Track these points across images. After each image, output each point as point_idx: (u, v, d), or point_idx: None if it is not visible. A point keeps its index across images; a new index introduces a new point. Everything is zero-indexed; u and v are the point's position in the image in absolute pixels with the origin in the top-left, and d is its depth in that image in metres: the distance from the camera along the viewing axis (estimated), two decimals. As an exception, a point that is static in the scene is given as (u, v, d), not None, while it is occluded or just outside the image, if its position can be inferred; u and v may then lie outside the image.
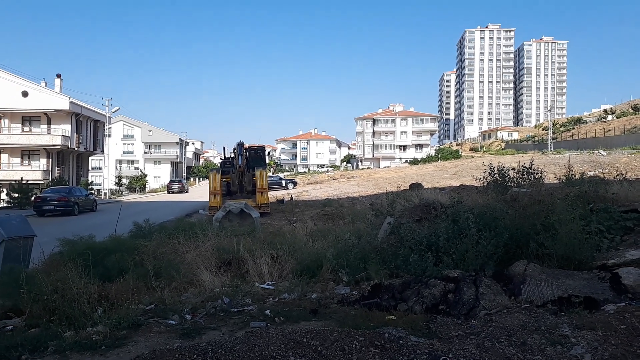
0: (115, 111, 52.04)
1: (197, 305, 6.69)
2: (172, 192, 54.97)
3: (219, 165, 33.25)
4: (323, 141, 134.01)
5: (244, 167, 24.87)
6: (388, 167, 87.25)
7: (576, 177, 11.48)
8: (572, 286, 6.03)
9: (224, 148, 30.00)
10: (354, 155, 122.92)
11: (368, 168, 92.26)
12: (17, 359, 5.06)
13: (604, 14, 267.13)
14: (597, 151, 47.72)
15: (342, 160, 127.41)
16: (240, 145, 25.79)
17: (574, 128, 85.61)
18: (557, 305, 5.82)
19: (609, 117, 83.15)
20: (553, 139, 73.50)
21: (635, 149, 47.14)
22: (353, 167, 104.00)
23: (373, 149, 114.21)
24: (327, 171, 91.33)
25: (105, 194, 50.06)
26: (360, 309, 6.38)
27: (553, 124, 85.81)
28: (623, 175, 11.17)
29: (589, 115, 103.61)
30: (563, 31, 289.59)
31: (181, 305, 6.69)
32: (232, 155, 27.53)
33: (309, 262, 8.27)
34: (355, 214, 14.17)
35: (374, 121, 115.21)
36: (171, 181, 61.78)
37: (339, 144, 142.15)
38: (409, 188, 21.83)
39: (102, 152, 53.28)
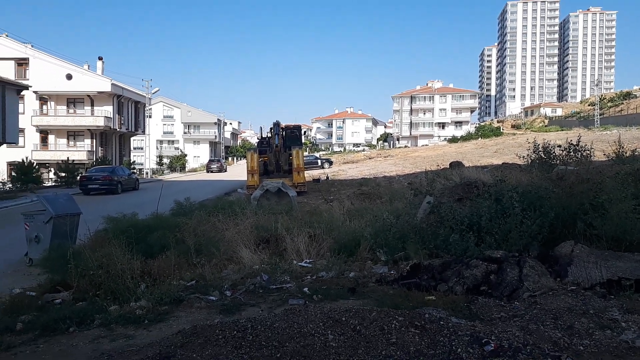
0: (155, 92, 53.06)
1: (237, 282, 6.79)
2: (211, 172, 55.93)
3: (256, 144, 33.53)
4: (359, 120, 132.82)
5: (281, 147, 24.97)
6: (426, 145, 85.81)
7: (627, 154, 10.91)
8: (622, 268, 5.76)
9: (261, 128, 30.25)
10: (391, 134, 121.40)
11: (405, 147, 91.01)
12: (66, 330, 5.27)
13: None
14: (648, 127, 45.40)
15: (378, 139, 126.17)
16: (276, 125, 25.86)
17: (622, 103, 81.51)
18: (606, 288, 5.59)
19: (662, 91, 78.65)
20: (600, 115, 70.32)
21: (689, 125, 44.59)
22: (390, 146, 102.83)
23: (410, 127, 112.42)
24: (363, 150, 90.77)
25: (147, 173, 51.47)
26: (399, 288, 6.32)
27: (600, 99, 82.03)
28: (678, 152, 10.54)
29: (639, 89, 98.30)
30: (612, 1, 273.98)
31: (221, 282, 6.81)
32: (269, 134, 27.67)
33: (346, 241, 8.23)
34: (393, 193, 14.00)
35: (412, 98, 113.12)
36: (210, 161, 62.85)
37: (375, 123, 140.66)
38: (448, 167, 21.40)
39: (143, 132, 54.63)
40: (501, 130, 78.93)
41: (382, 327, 4.41)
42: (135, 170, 41.68)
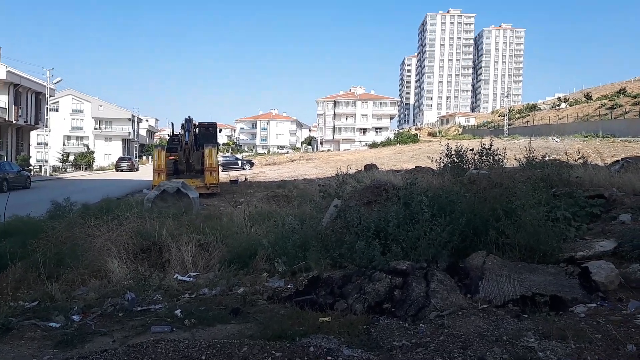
0: (58, 82, 48.64)
1: (93, 303, 5.49)
2: (121, 170, 52.23)
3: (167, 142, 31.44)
4: (283, 122, 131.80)
5: (192, 145, 23.30)
6: (348, 149, 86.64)
7: (537, 160, 10.82)
8: (536, 283, 5.20)
9: (172, 124, 28.28)
10: (315, 137, 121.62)
11: (328, 150, 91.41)
12: None
13: (560, 3, 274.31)
14: (550, 137, 48.54)
15: (302, 142, 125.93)
16: (188, 120, 24.16)
17: (529, 115, 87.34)
18: (519, 305, 4.98)
19: (562, 105, 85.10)
20: (509, 125, 74.66)
21: (586, 137, 48.23)
22: (313, 149, 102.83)
23: (334, 131, 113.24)
24: (287, 152, 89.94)
25: (46, 170, 46.99)
26: (292, 307, 5.36)
27: (509, 110, 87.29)
28: (585, 159, 10.58)
29: (544, 102, 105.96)
30: (521, 19, 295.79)
31: (73, 303, 5.47)
32: (181, 131, 25.87)
33: (240, 250, 7.17)
34: (304, 195, 13.11)
35: (335, 103, 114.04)
36: (120, 159, 58.76)
37: (299, 126, 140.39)
38: (363, 169, 20.97)
39: (46, 126, 49.89)
40: (418, 137, 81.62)
41: (253, 367, 3.41)
42: (31, 167, 37.71)
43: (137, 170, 53.41)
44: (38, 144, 60.86)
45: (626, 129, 47.98)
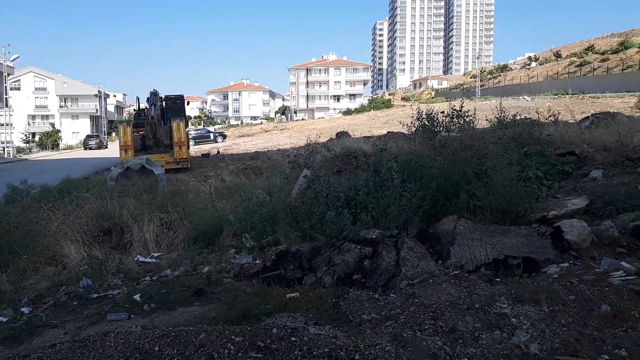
0: (15, 59, 46.39)
1: (46, 292, 5.16)
2: (90, 148, 50.75)
3: (133, 117, 30.43)
4: (256, 92, 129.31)
5: (158, 119, 22.53)
6: (322, 118, 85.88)
7: (508, 119, 10.68)
8: (508, 245, 5.07)
9: (138, 98, 27.37)
10: (289, 107, 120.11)
11: (302, 119, 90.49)
12: None
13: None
14: (521, 97, 48.85)
15: (276, 112, 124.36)
16: (153, 94, 23.31)
17: (500, 75, 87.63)
18: (492, 269, 4.84)
19: (533, 64, 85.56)
20: (481, 87, 74.89)
21: (556, 95, 48.69)
22: (287, 119, 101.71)
23: (307, 100, 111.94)
24: (261, 123, 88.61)
25: (8, 153, 45.29)
26: (259, 284, 5.14)
27: (481, 71, 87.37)
28: (555, 117, 10.48)
29: (515, 62, 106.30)
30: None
31: (23, 294, 5.13)
32: (147, 106, 24.98)
33: (206, 227, 6.87)
34: (275, 167, 12.79)
35: (308, 71, 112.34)
36: (88, 136, 56.96)
37: (272, 95, 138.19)
38: (335, 137, 20.67)
39: (6, 105, 47.78)
40: (392, 103, 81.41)
41: (212, 355, 3.17)
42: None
43: (106, 147, 52.04)
44: (3, 124, 58.49)
45: (594, 86, 48.60)
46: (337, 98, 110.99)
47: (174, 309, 4.60)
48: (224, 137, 52.16)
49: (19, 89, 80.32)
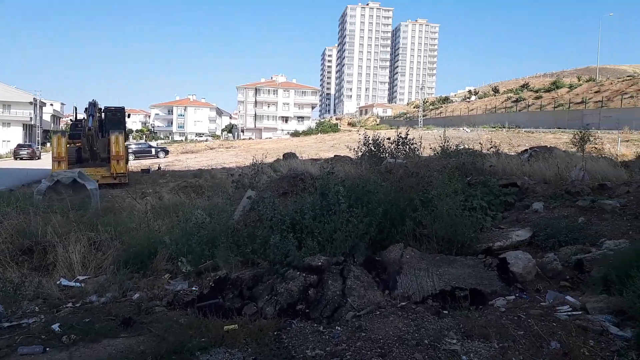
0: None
1: (-54, 321, 4.52)
2: (21, 159, 47.59)
3: (69, 127, 28.89)
4: (202, 108, 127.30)
5: (96, 131, 21.47)
6: (270, 138, 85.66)
7: (452, 149, 10.90)
8: (455, 276, 4.99)
9: (75, 108, 25.90)
10: (236, 125, 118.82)
11: (249, 138, 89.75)
12: None
13: (473, 1, 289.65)
14: (462, 128, 50.89)
15: (222, 130, 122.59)
16: (92, 104, 22.26)
17: (442, 106, 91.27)
18: (439, 300, 4.73)
19: (473, 98, 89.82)
20: (423, 116, 77.53)
21: (494, 127, 51.10)
22: (234, 137, 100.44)
23: (255, 119, 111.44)
24: (206, 140, 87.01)
25: None
26: (194, 314, 4.75)
27: (423, 102, 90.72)
28: (497, 148, 10.80)
29: (455, 95, 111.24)
30: (436, 14, 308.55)
31: None
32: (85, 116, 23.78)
33: (139, 249, 6.37)
34: (217, 186, 12.35)
35: (257, 90, 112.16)
36: (19, 146, 53.44)
37: (219, 113, 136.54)
38: (282, 158, 20.45)
39: None
40: (339, 127, 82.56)
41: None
42: None
43: (39, 158, 49.06)
44: None
45: (529, 121, 51.56)
46: (285, 119, 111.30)
47: (97, 341, 4.13)
48: (167, 152, 50.69)
49: (-58, 93, 74.94)
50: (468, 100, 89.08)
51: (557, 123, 45.85)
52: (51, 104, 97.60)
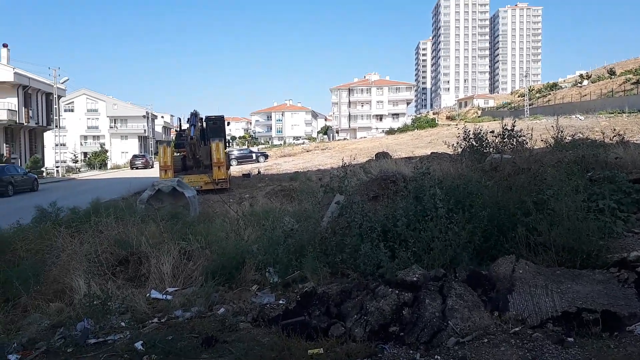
0: (65, 81, 48.17)
1: (41, 335, 4.61)
2: (136, 168, 51.96)
3: (174, 137, 30.74)
4: (298, 112, 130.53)
5: (197, 139, 22.49)
6: (364, 137, 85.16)
7: (566, 140, 9.61)
8: (581, 294, 4.13)
9: (179, 119, 27.47)
10: (331, 127, 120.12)
11: (344, 139, 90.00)
12: None
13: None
14: (574, 116, 46.50)
15: (318, 132, 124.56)
16: (194, 115, 23.35)
17: (549, 94, 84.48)
18: (561, 324, 3.92)
19: (585, 82, 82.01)
20: (529, 105, 72.28)
21: (612, 113, 46.09)
22: (329, 139, 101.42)
23: (349, 120, 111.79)
24: (303, 143, 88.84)
25: (57, 171, 46.86)
26: (278, 333, 4.39)
27: (529, 90, 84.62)
28: (622, 137, 9.31)
29: (564, 81, 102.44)
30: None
31: (17, 336, 4.60)
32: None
33: (227, 259, 6.21)
34: (308, 189, 12.10)
35: (350, 91, 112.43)
36: (134, 156, 58.46)
37: (315, 115, 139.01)
38: (374, 158, 19.85)
39: (58, 127, 49.73)
40: (436, 122, 79.74)
41: None
42: (44, 169, 37.48)
43: (152, 167, 53.17)
44: (55, 145, 61.04)
45: (654, 104, 45.68)
46: (380, 117, 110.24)
47: (178, 362, 3.93)
48: (266, 157, 52.35)
49: (72, 110, 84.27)
50: (580, 85, 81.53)
51: (691, 103, 40.09)
52: (162, 116, 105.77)
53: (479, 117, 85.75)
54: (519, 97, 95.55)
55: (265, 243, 6.40)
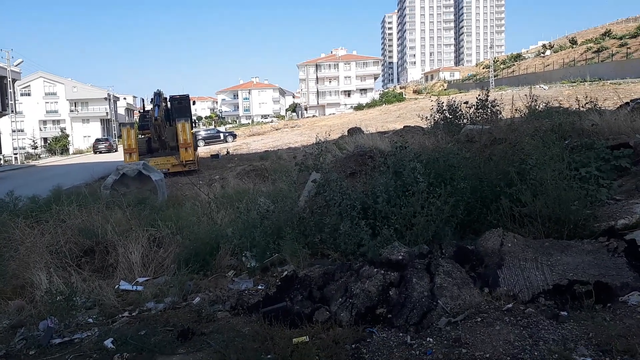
0: (19, 64, 45.74)
1: (0, 337, 4.22)
2: (99, 152, 50.34)
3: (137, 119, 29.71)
4: (265, 90, 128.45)
5: (162, 120, 21.72)
6: (333, 114, 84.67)
7: (540, 108, 9.55)
8: (571, 266, 4.01)
9: (142, 100, 26.45)
10: (299, 104, 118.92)
11: (313, 116, 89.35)
12: None
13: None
14: (538, 86, 47.20)
15: (286, 110, 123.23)
16: (157, 94, 22.53)
17: (514, 65, 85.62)
18: (553, 298, 3.80)
19: (547, 52, 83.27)
20: (494, 77, 73.11)
21: (574, 82, 46.96)
22: (298, 116, 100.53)
23: (317, 96, 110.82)
24: (271, 121, 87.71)
25: (16, 159, 44.92)
26: (259, 321, 4.14)
27: (494, 61, 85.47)
28: (594, 104, 9.31)
29: (527, 51, 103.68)
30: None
31: (-28, 340, 4.20)
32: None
33: (201, 244, 5.89)
34: (281, 169, 11.77)
35: (317, 67, 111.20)
36: (97, 140, 56.46)
37: (282, 93, 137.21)
38: (347, 134, 19.61)
39: (13, 112, 47.41)
40: (404, 96, 79.95)
41: None
42: (0, 157, 35.81)
43: (116, 150, 51.56)
44: (13, 131, 58.36)
45: (613, 72, 46.69)
46: (348, 93, 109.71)
47: (153, 359, 3.64)
48: (234, 136, 51.47)
49: (29, 94, 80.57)
50: (542, 55, 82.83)
51: (649, 71, 41.21)
52: (124, 98, 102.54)
53: (445, 90, 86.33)
54: (483, 68, 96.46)
55: (240, 226, 6.10)
